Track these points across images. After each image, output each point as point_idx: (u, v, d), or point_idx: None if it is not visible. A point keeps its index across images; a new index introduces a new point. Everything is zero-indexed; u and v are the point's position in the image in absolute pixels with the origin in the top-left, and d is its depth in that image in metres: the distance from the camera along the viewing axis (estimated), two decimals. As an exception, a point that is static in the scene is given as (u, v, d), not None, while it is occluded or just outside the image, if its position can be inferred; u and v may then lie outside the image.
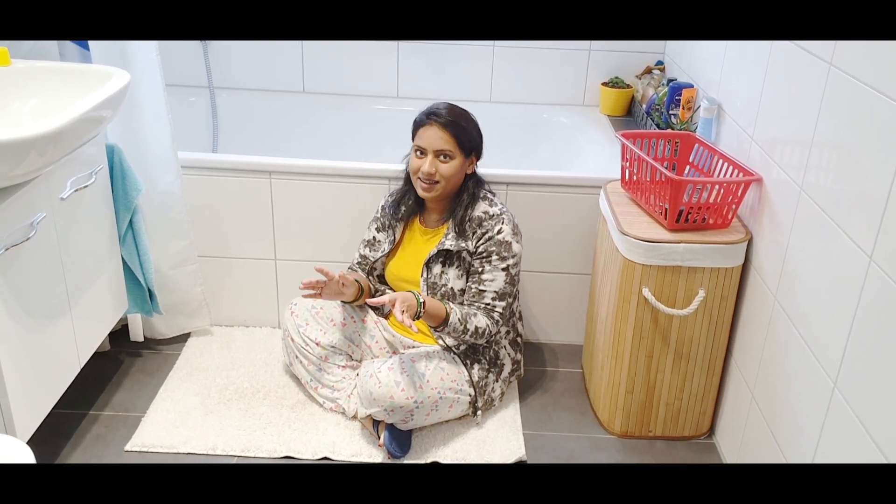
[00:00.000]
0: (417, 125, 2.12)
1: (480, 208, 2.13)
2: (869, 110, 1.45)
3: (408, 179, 2.20)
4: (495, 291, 2.11)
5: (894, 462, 1.32)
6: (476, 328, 2.09)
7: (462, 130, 2.08)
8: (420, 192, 2.13)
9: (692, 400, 2.18)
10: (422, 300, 2.02)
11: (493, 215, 2.12)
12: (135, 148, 2.23)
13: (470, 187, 2.15)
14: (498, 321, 2.13)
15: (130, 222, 2.24)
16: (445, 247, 2.12)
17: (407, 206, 2.21)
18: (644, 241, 1.99)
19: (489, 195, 2.18)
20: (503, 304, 2.12)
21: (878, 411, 1.38)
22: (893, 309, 1.34)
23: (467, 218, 2.13)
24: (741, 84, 2.13)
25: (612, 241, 2.13)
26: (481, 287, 2.11)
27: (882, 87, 1.41)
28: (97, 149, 2.06)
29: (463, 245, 2.11)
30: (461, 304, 2.14)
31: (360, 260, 2.29)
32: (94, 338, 2.12)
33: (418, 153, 2.10)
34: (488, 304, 2.11)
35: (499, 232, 2.10)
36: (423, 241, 2.21)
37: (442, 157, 2.08)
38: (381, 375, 2.04)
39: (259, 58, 3.07)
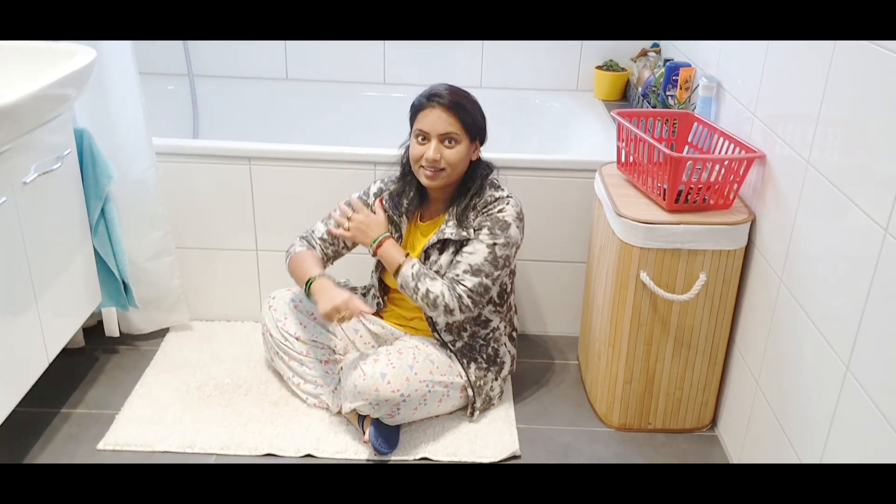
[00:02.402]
0: (417, 109, 1.96)
1: (486, 194, 2.00)
2: (881, 72, 1.36)
3: (405, 171, 2.06)
4: (469, 264, 1.95)
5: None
6: (428, 292, 1.94)
7: (467, 113, 1.93)
8: (423, 181, 1.97)
9: (693, 390, 2.08)
10: (384, 237, 1.98)
11: (500, 197, 1.99)
12: (106, 133, 2.13)
13: (478, 177, 2.01)
14: (461, 297, 1.93)
15: (102, 211, 2.14)
16: (445, 235, 1.98)
17: (409, 198, 2.06)
18: (641, 223, 1.89)
19: (496, 182, 2.05)
20: (475, 280, 1.94)
21: (895, 393, 1.29)
22: (912, 283, 1.25)
23: (472, 206, 1.99)
24: (742, 59, 2.04)
25: (608, 225, 2.04)
26: (459, 258, 1.97)
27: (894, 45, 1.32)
28: (64, 132, 1.96)
29: (464, 234, 1.97)
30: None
31: (324, 236, 2.11)
32: (63, 332, 2.02)
33: (420, 139, 1.94)
34: (457, 276, 1.95)
35: (500, 211, 1.97)
36: (422, 235, 2.08)
37: (447, 142, 1.92)
38: (366, 367, 1.93)
39: (240, 44, 2.97)
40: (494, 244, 1.96)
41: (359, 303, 1.90)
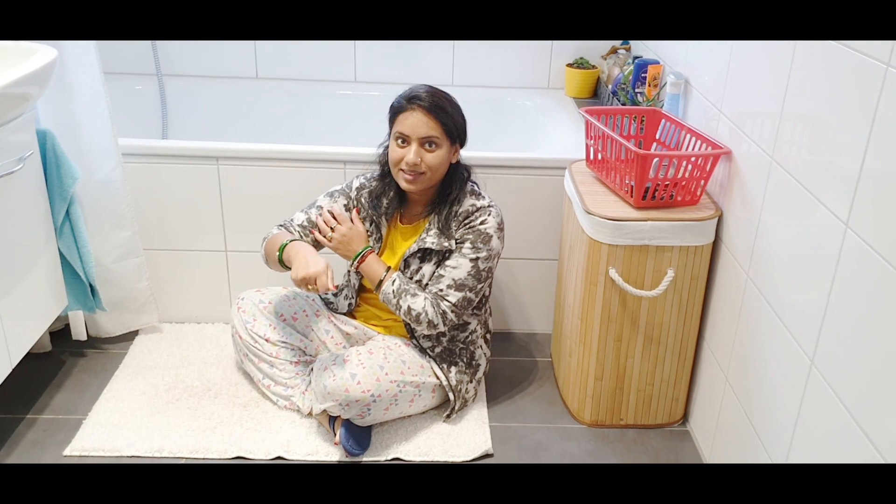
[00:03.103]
0: (397, 110, 1.92)
1: (468, 202, 1.98)
2: (842, 69, 1.36)
3: (384, 171, 2.04)
4: (453, 279, 1.95)
5: (873, 439, 1.23)
6: (409, 308, 1.94)
7: (448, 115, 1.91)
8: (403, 185, 1.95)
9: (664, 386, 2.09)
10: (366, 252, 1.97)
11: (481, 207, 1.98)
12: (70, 134, 2.10)
13: (457, 180, 1.99)
14: (445, 313, 1.95)
15: (67, 212, 2.11)
16: (426, 245, 1.97)
17: (389, 199, 2.04)
18: (610, 220, 1.90)
19: (476, 187, 2.03)
20: (459, 296, 1.95)
21: (858, 387, 1.29)
22: (871, 276, 1.25)
23: (454, 214, 1.97)
24: (708, 56, 2.05)
25: (577, 222, 2.04)
26: (441, 272, 1.97)
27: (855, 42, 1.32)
28: (26, 133, 1.92)
29: (446, 244, 1.96)
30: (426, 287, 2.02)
31: (304, 223, 2.07)
32: (27, 336, 1.99)
33: (400, 142, 1.91)
34: (440, 291, 1.95)
35: (482, 223, 1.96)
36: (402, 239, 2.07)
37: (427, 146, 1.90)
38: (336, 368, 1.92)
39: (209, 43, 2.94)
40: (477, 258, 1.95)
41: (328, 281, 1.82)
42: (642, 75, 2.46)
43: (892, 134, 1.21)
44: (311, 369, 2.09)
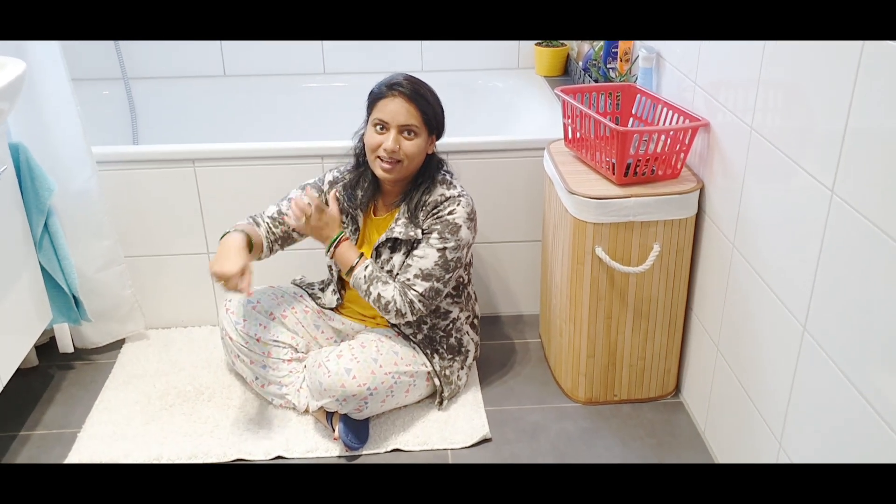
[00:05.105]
0: (377, 97, 1.91)
1: (437, 192, 1.97)
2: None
3: (359, 161, 2.03)
4: (420, 269, 1.94)
5: (870, 399, 1.26)
6: (379, 296, 1.94)
7: (428, 104, 1.91)
8: (379, 173, 1.94)
9: (655, 359, 2.11)
10: (341, 238, 1.97)
11: (450, 197, 1.96)
12: (42, 146, 2.07)
13: (430, 171, 1.98)
14: (412, 302, 1.93)
15: (46, 225, 2.08)
16: (395, 234, 1.97)
17: (364, 190, 2.03)
18: (593, 199, 1.90)
19: (447, 177, 2.02)
20: (426, 286, 1.94)
21: (852, 349, 1.32)
22: (859, 240, 1.27)
23: (422, 204, 1.96)
24: (679, 28, 2.05)
25: (560, 203, 2.04)
26: (409, 261, 1.96)
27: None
28: (-2, 148, 1.90)
29: (412, 234, 1.96)
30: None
31: (274, 215, 2.05)
32: (14, 353, 1.96)
33: (378, 128, 1.90)
34: (408, 280, 1.94)
35: (451, 213, 1.95)
36: (376, 231, 2.06)
37: (406, 134, 1.89)
38: (331, 364, 1.92)
39: (175, 42, 2.90)
40: (445, 248, 1.94)
41: (239, 284, 1.83)
42: (613, 50, 2.46)
43: (873, 101, 1.23)
44: (305, 366, 2.09)
